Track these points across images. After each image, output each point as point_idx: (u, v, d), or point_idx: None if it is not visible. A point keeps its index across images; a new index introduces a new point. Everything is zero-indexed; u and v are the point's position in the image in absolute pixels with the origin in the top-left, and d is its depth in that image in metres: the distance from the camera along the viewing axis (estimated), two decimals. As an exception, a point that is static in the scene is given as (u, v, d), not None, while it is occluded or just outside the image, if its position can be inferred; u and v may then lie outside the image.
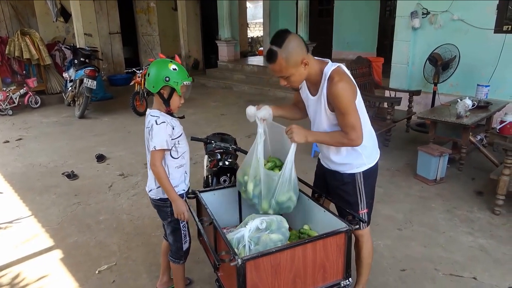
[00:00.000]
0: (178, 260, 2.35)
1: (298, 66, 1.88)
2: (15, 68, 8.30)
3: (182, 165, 2.24)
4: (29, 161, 5.09)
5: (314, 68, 1.96)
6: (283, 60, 1.84)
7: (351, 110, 1.89)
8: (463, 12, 5.83)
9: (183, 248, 2.32)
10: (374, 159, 2.17)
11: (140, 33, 11.45)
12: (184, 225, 2.28)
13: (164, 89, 2.08)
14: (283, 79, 1.94)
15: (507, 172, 3.38)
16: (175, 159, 2.19)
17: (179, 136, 2.19)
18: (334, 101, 1.89)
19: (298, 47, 1.85)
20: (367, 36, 10.09)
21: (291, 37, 1.84)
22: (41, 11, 9.22)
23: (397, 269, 2.80)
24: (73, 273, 2.84)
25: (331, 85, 1.89)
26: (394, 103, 5.02)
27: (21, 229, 3.46)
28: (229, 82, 10.05)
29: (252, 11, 21.11)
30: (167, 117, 2.15)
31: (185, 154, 2.25)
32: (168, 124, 2.11)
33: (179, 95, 2.12)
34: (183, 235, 2.29)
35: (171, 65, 2.07)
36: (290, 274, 1.75)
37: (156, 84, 2.07)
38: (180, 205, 2.16)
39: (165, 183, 2.11)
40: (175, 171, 2.21)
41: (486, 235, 3.20)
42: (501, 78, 5.59)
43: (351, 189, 2.14)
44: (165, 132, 2.09)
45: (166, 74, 2.04)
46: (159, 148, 2.07)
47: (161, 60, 2.12)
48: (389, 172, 4.48)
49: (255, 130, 2.10)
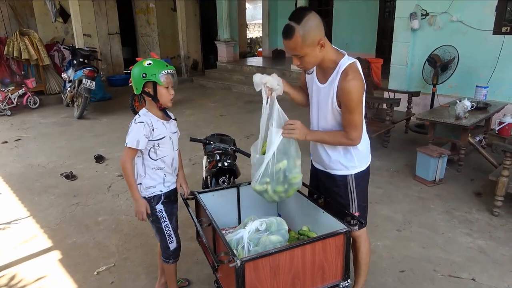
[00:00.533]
0: (167, 260, 2.35)
1: (315, 47, 1.82)
2: (14, 68, 8.28)
3: (161, 168, 2.21)
4: (28, 161, 5.08)
5: (330, 55, 1.91)
6: (300, 38, 1.78)
7: (358, 109, 1.88)
8: (462, 13, 5.84)
9: (170, 247, 2.31)
10: (366, 163, 2.15)
11: (139, 34, 11.45)
12: (167, 225, 2.27)
13: (147, 86, 2.07)
14: (296, 58, 1.89)
15: (506, 173, 3.38)
16: (153, 160, 2.18)
17: (161, 139, 2.16)
18: (344, 97, 1.87)
19: (317, 26, 1.80)
20: (366, 37, 10.11)
21: (311, 15, 1.79)
22: (40, 11, 9.20)
23: (396, 270, 2.80)
24: (72, 274, 2.83)
25: (344, 80, 1.85)
26: (393, 104, 5.03)
27: (19, 230, 3.45)
28: (228, 83, 10.05)
29: (251, 11, 21.11)
30: (153, 118, 2.13)
31: (166, 158, 2.21)
32: (146, 125, 2.09)
33: (164, 86, 2.07)
34: (166, 234, 2.28)
35: (146, 61, 2.06)
36: (289, 275, 1.75)
37: (137, 84, 2.07)
38: (139, 205, 2.17)
39: (129, 180, 2.13)
40: (152, 172, 2.20)
41: (485, 236, 3.21)
42: (500, 80, 5.60)
43: (343, 192, 2.13)
44: (139, 131, 2.08)
45: (142, 71, 2.03)
46: (129, 145, 2.08)
47: (137, 63, 2.12)
48: (388, 173, 4.48)
49: (254, 131, 2.09)
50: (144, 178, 2.20)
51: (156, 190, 2.22)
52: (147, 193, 2.21)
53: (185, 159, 4.78)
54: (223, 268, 1.85)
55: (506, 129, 5.19)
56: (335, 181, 2.14)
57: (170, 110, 2.23)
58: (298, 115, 2.05)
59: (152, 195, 2.22)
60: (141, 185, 2.21)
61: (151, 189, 2.21)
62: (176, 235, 2.33)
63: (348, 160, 2.08)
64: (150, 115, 2.14)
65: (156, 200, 2.23)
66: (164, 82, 2.06)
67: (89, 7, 9.90)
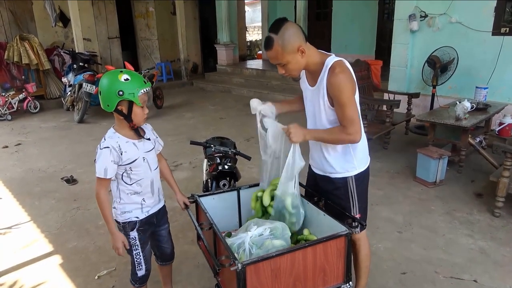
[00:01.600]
0: (134, 282, 2.23)
1: (295, 54, 1.88)
2: (14, 73, 8.30)
3: (137, 192, 2.04)
4: (28, 166, 5.08)
5: (314, 58, 1.95)
6: (279, 47, 1.85)
7: (350, 103, 1.88)
8: (461, 15, 5.85)
9: (138, 274, 2.18)
10: (365, 164, 2.15)
11: (139, 38, 11.48)
12: (138, 253, 2.12)
13: (121, 104, 1.86)
14: (280, 67, 1.95)
15: (507, 174, 3.38)
16: (128, 185, 2.01)
17: (132, 162, 1.96)
18: (334, 92, 1.88)
19: (294, 34, 1.86)
20: (365, 39, 10.12)
21: (288, 25, 1.86)
22: (40, 16, 9.23)
23: (397, 272, 2.79)
24: (73, 279, 2.83)
25: (331, 75, 1.88)
26: (393, 105, 5.03)
27: (20, 235, 3.45)
28: (228, 86, 10.06)
29: (250, 14, 21.16)
30: (121, 140, 1.94)
31: (142, 182, 2.03)
32: (112, 150, 1.89)
33: (140, 106, 1.89)
34: (136, 262, 2.14)
35: (122, 76, 1.83)
36: (291, 278, 1.74)
37: (110, 101, 1.84)
38: (116, 240, 2.00)
39: (104, 212, 1.96)
40: (126, 197, 2.03)
41: (486, 237, 3.20)
42: (500, 80, 5.60)
43: (343, 194, 2.12)
44: (105, 158, 1.89)
45: (118, 88, 1.81)
46: (97, 175, 1.91)
47: (109, 73, 1.88)
48: (389, 175, 4.48)
49: (254, 134, 2.10)
50: (119, 203, 2.05)
51: (131, 216, 2.06)
52: (121, 218, 2.06)
53: (186, 162, 4.78)
54: (224, 271, 1.85)
55: (506, 129, 5.19)
56: (335, 184, 2.13)
57: (170, 113, 2.17)
58: (295, 119, 2.07)
59: (127, 220, 2.06)
60: (115, 209, 2.06)
61: (127, 214, 2.05)
62: (146, 263, 2.18)
63: (347, 161, 2.07)
64: (118, 137, 1.94)
65: (131, 227, 2.07)
66: (141, 102, 1.88)
67: (89, 12, 9.94)
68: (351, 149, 2.06)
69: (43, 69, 8.31)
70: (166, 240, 2.32)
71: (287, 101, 2.33)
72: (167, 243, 2.33)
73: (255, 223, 1.97)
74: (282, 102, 2.24)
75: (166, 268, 2.44)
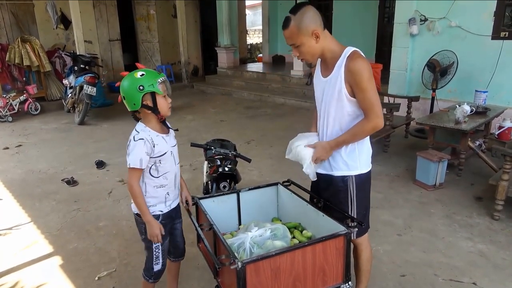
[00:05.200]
0: (148, 278, 2.25)
1: (309, 37, 1.91)
2: (15, 75, 8.34)
3: (163, 185, 2.10)
4: (29, 167, 5.09)
5: (331, 46, 1.98)
6: (295, 27, 1.89)
7: (371, 86, 1.91)
8: (461, 19, 5.88)
9: (154, 269, 2.21)
10: (367, 167, 2.13)
11: (140, 40, 11.51)
12: (157, 246, 2.16)
13: (145, 99, 1.95)
14: (295, 48, 1.98)
15: (506, 177, 3.38)
16: (155, 178, 2.07)
17: (162, 155, 2.05)
18: (354, 77, 1.89)
19: (311, 17, 1.90)
20: (365, 42, 10.13)
21: (307, 8, 1.91)
22: (41, 18, 9.27)
23: (396, 275, 2.80)
24: (73, 280, 2.84)
25: (350, 61, 1.90)
26: (393, 109, 5.05)
27: (20, 236, 3.46)
28: (229, 89, 10.09)
29: (251, 18, 21.24)
30: (152, 134, 2.01)
31: (168, 175, 2.11)
32: (146, 142, 1.97)
33: (162, 94, 1.98)
34: (154, 256, 2.18)
35: (137, 73, 1.95)
36: (290, 277, 1.75)
37: (135, 99, 1.93)
38: (153, 227, 2.05)
39: (139, 202, 2.02)
40: (153, 190, 2.09)
41: (486, 240, 3.21)
42: (499, 84, 5.62)
43: (343, 198, 2.11)
44: (140, 150, 1.96)
45: (138, 84, 1.91)
46: (132, 166, 1.96)
47: (126, 77, 2.00)
48: (389, 178, 4.49)
49: (254, 136, 2.11)
50: (144, 197, 2.09)
51: (156, 210, 2.12)
52: None
53: (186, 164, 4.80)
54: (224, 272, 1.86)
55: (506, 133, 5.20)
56: (335, 186, 2.12)
57: (170, 116, 2.19)
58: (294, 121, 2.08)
59: (151, 214, 2.10)
60: None
61: (151, 208, 2.10)
62: (163, 258, 2.23)
63: (350, 158, 2.07)
64: (149, 130, 2.01)
65: None
66: (162, 90, 1.97)
67: (90, 14, 9.97)
68: (356, 148, 2.06)
69: (44, 71, 8.34)
70: (180, 235, 2.37)
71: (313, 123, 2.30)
72: (181, 238, 2.37)
73: (256, 224, 1.98)
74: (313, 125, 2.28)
75: (176, 264, 2.46)
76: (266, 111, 8.05)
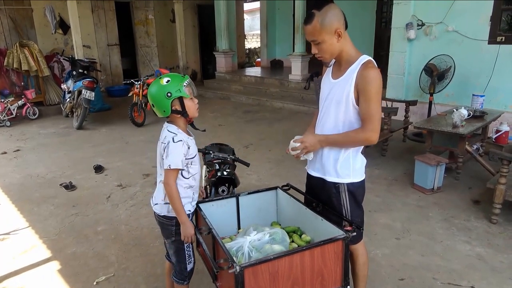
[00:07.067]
0: (182, 281, 2.24)
1: (331, 35, 1.92)
2: (14, 79, 8.33)
3: (191, 186, 2.15)
4: (27, 172, 5.09)
5: (349, 49, 2.01)
6: (318, 23, 1.89)
7: (377, 98, 1.91)
8: (458, 24, 5.91)
9: (187, 268, 2.22)
10: (360, 177, 2.12)
11: (139, 45, 11.54)
12: (189, 245, 2.18)
13: (174, 104, 2.01)
14: (314, 45, 1.97)
15: (503, 181, 3.40)
16: (185, 179, 2.11)
17: (193, 157, 2.11)
18: (364, 84, 1.90)
19: (336, 15, 1.92)
20: (363, 47, 10.17)
21: (332, 6, 1.92)
22: (40, 23, 9.28)
23: (395, 278, 2.80)
24: (71, 284, 2.83)
25: (364, 68, 1.92)
26: (391, 113, 5.07)
27: (18, 240, 3.45)
28: (227, 93, 10.10)
29: (249, 22, 21.31)
30: (184, 136, 2.07)
31: (196, 176, 2.16)
32: (184, 143, 2.03)
33: (189, 98, 2.04)
34: (187, 255, 2.20)
35: (162, 80, 2.00)
36: (289, 281, 1.76)
37: (164, 107, 2.00)
38: (189, 227, 2.07)
39: (177, 203, 2.04)
40: (183, 191, 2.11)
41: (484, 244, 3.22)
42: (496, 88, 5.66)
43: (336, 205, 2.11)
44: (180, 151, 2.01)
45: (165, 91, 1.97)
46: (174, 167, 1.99)
47: (152, 85, 2.05)
48: (387, 182, 4.50)
49: (253, 140, 2.12)
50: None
51: (185, 210, 2.12)
52: (174, 212, 2.11)
53: (184, 169, 4.77)
54: (222, 275, 1.86)
55: (503, 137, 5.21)
56: (328, 192, 2.12)
57: None
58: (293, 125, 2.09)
59: None
60: (168, 204, 2.11)
61: None
62: (194, 254, 2.26)
63: (343, 166, 2.06)
64: (181, 132, 2.07)
65: None
66: (188, 93, 2.03)
67: (88, 19, 10.00)
68: (350, 156, 2.06)
69: (42, 76, 8.33)
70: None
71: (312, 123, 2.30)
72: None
73: (254, 228, 1.99)
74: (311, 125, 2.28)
75: None
76: (264, 115, 8.07)
